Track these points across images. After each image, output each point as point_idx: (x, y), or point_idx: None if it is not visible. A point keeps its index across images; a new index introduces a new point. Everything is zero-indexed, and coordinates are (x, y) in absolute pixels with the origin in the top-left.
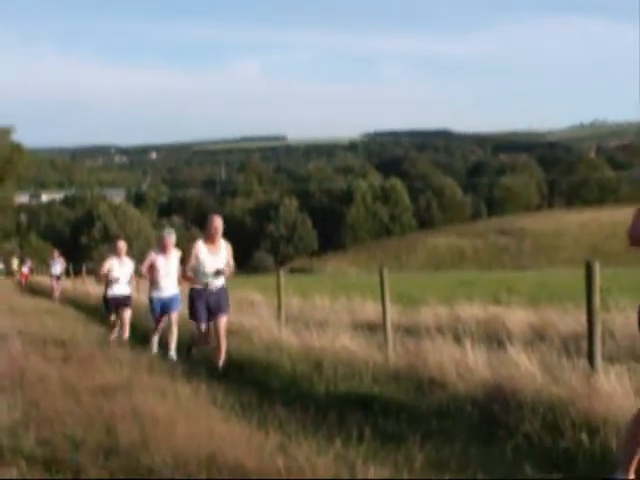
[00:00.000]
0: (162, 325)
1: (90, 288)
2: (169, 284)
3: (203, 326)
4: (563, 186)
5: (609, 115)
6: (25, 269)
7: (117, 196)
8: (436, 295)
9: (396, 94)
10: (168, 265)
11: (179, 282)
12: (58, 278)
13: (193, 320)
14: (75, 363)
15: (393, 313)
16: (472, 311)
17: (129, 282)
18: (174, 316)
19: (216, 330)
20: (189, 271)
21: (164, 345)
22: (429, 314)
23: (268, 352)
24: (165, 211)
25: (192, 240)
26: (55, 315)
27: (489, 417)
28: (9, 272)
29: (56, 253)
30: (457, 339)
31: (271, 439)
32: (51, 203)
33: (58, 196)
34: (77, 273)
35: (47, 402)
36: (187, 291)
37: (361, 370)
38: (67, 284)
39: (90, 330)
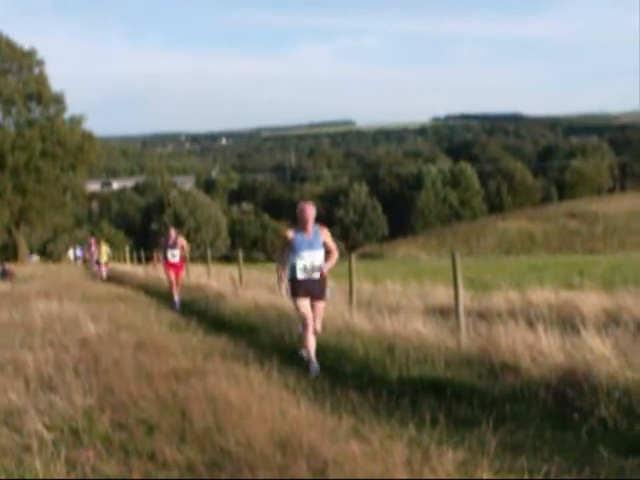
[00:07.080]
0: None
1: (162, 274)
2: None
3: None
4: (635, 169)
5: None
6: (175, 257)
7: (187, 183)
8: (507, 280)
9: (466, 78)
10: None
11: None
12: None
13: None
14: (148, 348)
15: (465, 298)
16: (544, 295)
17: None
18: None
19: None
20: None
21: None
22: (501, 299)
23: (340, 337)
24: (235, 197)
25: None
26: (127, 301)
27: (563, 401)
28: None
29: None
30: (530, 324)
31: (345, 423)
32: (122, 190)
33: (129, 183)
34: (148, 259)
35: (121, 387)
36: None
37: (434, 355)
38: (138, 270)
39: (162, 316)
